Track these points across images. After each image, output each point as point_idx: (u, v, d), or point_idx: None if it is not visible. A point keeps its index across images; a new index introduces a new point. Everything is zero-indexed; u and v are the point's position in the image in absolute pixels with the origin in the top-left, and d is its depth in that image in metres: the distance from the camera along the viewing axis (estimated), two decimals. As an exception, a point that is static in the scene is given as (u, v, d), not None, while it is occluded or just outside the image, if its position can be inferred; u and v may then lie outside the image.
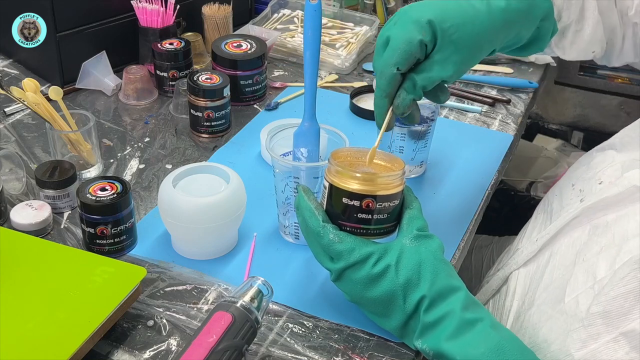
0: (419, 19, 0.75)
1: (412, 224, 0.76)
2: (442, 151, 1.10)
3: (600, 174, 0.86)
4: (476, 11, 0.77)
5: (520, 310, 0.85)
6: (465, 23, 0.76)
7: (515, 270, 0.91)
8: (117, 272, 0.79)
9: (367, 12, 1.50)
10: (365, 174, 0.75)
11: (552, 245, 0.86)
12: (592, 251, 0.77)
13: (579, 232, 0.82)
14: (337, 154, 0.79)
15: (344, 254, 0.74)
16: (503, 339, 0.70)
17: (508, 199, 1.59)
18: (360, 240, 0.75)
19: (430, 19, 0.75)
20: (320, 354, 0.77)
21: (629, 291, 0.68)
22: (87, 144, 1.01)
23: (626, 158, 0.86)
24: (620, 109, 1.76)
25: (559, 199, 0.93)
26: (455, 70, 0.77)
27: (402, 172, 0.76)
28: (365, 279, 0.73)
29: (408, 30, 0.75)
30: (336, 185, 0.75)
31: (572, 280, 0.77)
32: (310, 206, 0.76)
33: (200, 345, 0.68)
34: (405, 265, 0.73)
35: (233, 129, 1.15)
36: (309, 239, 0.78)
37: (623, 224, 0.75)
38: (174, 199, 0.85)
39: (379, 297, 0.73)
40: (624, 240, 0.73)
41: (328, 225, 0.75)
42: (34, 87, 0.98)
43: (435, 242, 0.75)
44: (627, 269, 0.69)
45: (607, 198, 0.79)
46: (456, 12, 0.76)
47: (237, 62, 1.18)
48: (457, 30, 0.76)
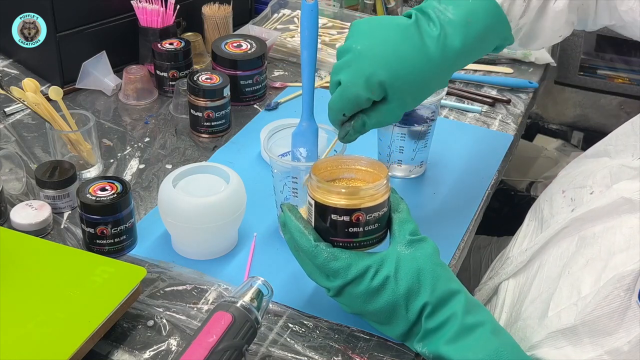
0: (370, 78, 0.76)
1: (403, 228, 0.75)
2: (442, 151, 1.10)
3: (592, 184, 0.85)
4: (429, 61, 0.76)
5: (508, 323, 0.85)
6: (413, 77, 0.76)
7: (505, 280, 0.91)
8: (117, 272, 0.79)
9: (367, 12, 1.50)
10: (350, 189, 0.74)
11: (541, 255, 0.85)
12: (578, 264, 0.76)
13: (567, 243, 0.81)
14: (318, 167, 0.78)
15: (341, 271, 0.73)
16: (502, 346, 0.69)
17: (508, 199, 1.59)
18: (355, 254, 0.74)
19: (381, 80, 0.75)
20: (320, 354, 0.77)
21: (613, 310, 0.68)
22: (87, 144, 1.01)
23: (614, 164, 0.85)
24: (620, 109, 1.76)
25: (549, 206, 0.92)
26: (400, 115, 0.80)
27: (386, 180, 0.75)
28: (365, 293, 0.73)
29: (357, 86, 0.76)
30: (322, 202, 0.74)
31: (557, 294, 0.76)
32: (298, 226, 0.75)
33: (200, 345, 0.68)
34: (404, 275, 0.72)
35: (233, 129, 1.15)
36: (300, 259, 0.77)
37: (610, 236, 0.74)
38: (174, 199, 0.85)
39: (381, 309, 0.73)
40: (610, 255, 0.72)
41: (321, 244, 0.74)
42: (34, 87, 0.98)
43: (429, 246, 0.74)
44: (610, 287, 0.68)
45: (596, 209, 0.78)
46: (407, 64, 0.76)
47: (237, 62, 1.18)
48: (404, 83, 0.76)
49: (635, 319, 0.66)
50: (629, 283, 0.67)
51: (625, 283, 0.67)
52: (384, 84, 0.76)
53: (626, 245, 0.71)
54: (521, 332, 0.79)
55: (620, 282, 0.67)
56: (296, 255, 0.78)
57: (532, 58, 1.36)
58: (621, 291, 0.67)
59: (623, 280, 0.67)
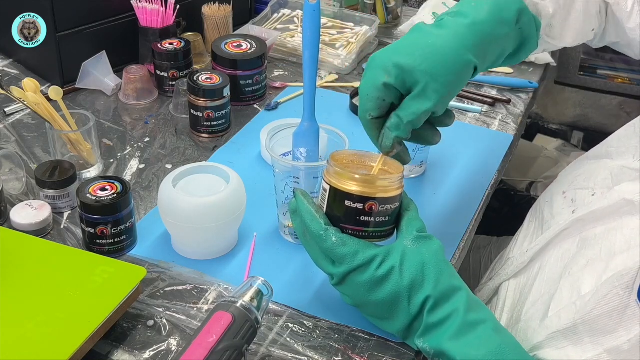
0: (384, 63, 0.76)
1: (411, 225, 0.76)
2: (442, 151, 1.10)
3: (593, 185, 0.85)
4: (440, 37, 0.76)
5: (509, 324, 0.85)
6: (430, 52, 0.75)
7: (505, 281, 0.91)
8: (117, 272, 0.79)
9: (367, 12, 1.50)
10: (366, 176, 0.75)
11: (542, 256, 0.85)
12: (579, 265, 0.76)
13: (568, 244, 0.81)
14: (336, 156, 0.79)
15: (347, 257, 0.73)
16: (504, 343, 0.70)
17: (508, 199, 1.59)
18: (363, 243, 0.74)
19: (396, 61, 0.75)
20: (320, 354, 0.77)
21: (613, 309, 0.68)
22: (87, 144, 1.01)
23: (616, 165, 0.85)
24: (620, 109, 1.77)
25: (550, 207, 0.92)
26: (438, 98, 0.75)
27: (402, 175, 0.77)
28: (370, 281, 0.73)
29: (372, 75, 0.76)
30: (338, 187, 0.75)
31: (557, 294, 0.76)
32: (310, 209, 0.76)
33: (200, 345, 0.68)
34: (409, 267, 0.72)
35: (233, 129, 1.15)
36: (308, 244, 0.77)
37: (611, 237, 0.74)
38: (174, 199, 0.85)
39: (383, 300, 0.73)
40: (611, 256, 0.72)
41: (330, 229, 0.74)
42: (34, 87, 0.98)
43: (435, 243, 0.75)
44: (609, 286, 0.68)
45: (597, 211, 0.78)
46: (420, 45, 0.76)
47: (237, 62, 1.18)
48: (424, 61, 0.75)
49: (635, 317, 0.66)
50: (628, 282, 0.67)
51: (624, 282, 0.67)
52: (400, 65, 0.75)
53: (627, 246, 0.71)
54: (522, 333, 0.79)
55: (619, 280, 0.68)
56: (304, 241, 0.78)
57: (532, 58, 1.36)
58: (620, 290, 0.67)
59: (622, 279, 0.67)
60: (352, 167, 0.80)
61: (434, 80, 0.75)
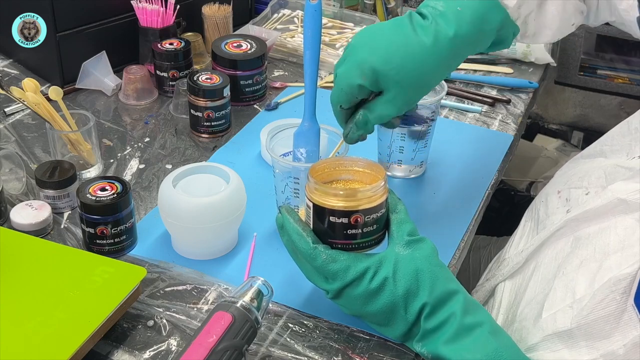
0: (362, 64, 0.78)
1: (401, 229, 0.75)
2: (442, 151, 1.10)
3: (587, 184, 0.85)
4: (421, 47, 0.78)
5: (505, 325, 0.84)
6: (407, 63, 0.78)
7: (501, 282, 0.90)
8: (117, 272, 0.79)
9: (367, 12, 1.50)
10: (347, 191, 0.74)
11: (536, 257, 0.85)
12: (573, 264, 0.75)
13: (562, 244, 0.81)
14: (315, 170, 0.78)
15: (339, 273, 0.73)
16: (501, 347, 0.69)
17: (508, 199, 1.59)
18: (354, 256, 0.74)
19: (373, 66, 0.78)
20: (320, 354, 0.77)
21: (609, 314, 0.67)
22: (87, 144, 1.01)
23: (609, 163, 0.85)
24: (620, 109, 1.77)
25: (545, 207, 0.91)
26: (401, 107, 0.81)
27: (384, 182, 0.75)
28: (364, 294, 0.73)
29: (350, 74, 0.79)
30: (320, 204, 0.74)
31: (551, 294, 0.76)
32: (297, 228, 0.75)
33: (200, 345, 0.68)
34: (402, 276, 0.72)
35: (233, 129, 1.15)
36: (299, 261, 0.77)
37: (604, 237, 0.74)
38: (174, 199, 0.85)
39: (380, 310, 0.73)
40: (605, 255, 0.72)
41: (319, 246, 0.74)
42: (34, 87, 0.98)
43: (428, 246, 0.74)
44: (606, 290, 0.68)
45: (591, 210, 0.77)
46: (400, 52, 0.78)
47: (237, 62, 1.18)
48: (399, 72, 0.78)
49: (631, 322, 0.66)
50: (625, 286, 0.67)
51: (621, 286, 0.67)
52: (376, 71, 0.78)
53: (620, 246, 0.71)
54: (517, 334, 0.79)
55: (617, 285, 0.67)
56: (294, 257, 0.78)
57: (532, 58, 1.36)
58: (617, 294, 0.67)
59: (619, 284, 0.67)
60: (335, 174, 0.79)
61: (404, 92, 0.79)
